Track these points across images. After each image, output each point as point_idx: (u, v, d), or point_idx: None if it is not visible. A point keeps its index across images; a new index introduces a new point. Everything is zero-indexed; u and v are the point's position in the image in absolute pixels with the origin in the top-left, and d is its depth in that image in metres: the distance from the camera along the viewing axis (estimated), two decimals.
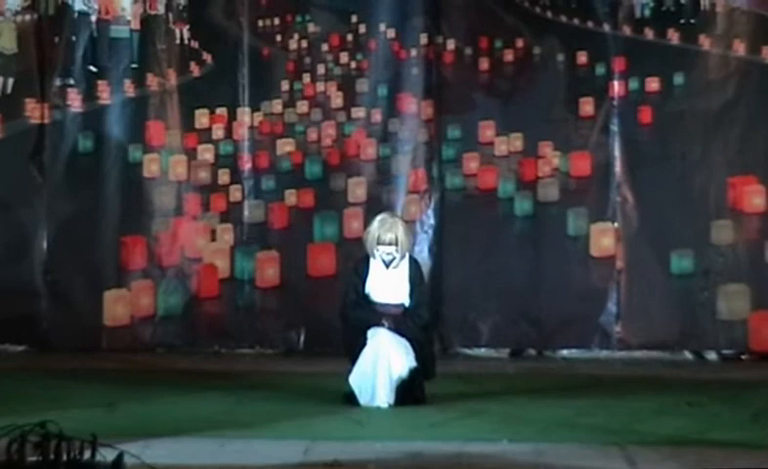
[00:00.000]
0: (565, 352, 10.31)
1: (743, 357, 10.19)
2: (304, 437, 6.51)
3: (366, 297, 7.82)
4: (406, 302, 7.79)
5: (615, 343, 10.27)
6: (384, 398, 7.58)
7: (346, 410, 7.46)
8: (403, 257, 7.85)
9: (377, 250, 7.82)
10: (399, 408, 7.56)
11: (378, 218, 7.96)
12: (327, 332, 10.39)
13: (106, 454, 5.21)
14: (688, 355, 10.26)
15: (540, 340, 10.29)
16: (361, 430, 6.92)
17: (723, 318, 10.17)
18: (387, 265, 7.82)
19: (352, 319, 7.81)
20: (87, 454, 5.15)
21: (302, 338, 10.50)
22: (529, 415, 7.35)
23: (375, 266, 7.86)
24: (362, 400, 7.61)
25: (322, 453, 6.09)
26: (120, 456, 5.24)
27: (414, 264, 8.00)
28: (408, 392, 7.62)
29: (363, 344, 7.66)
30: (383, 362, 7.60)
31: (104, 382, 8.67)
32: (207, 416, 7.30)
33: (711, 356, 10.25)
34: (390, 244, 7.80)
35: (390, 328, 7.67)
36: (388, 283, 7.81)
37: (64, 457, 5.12)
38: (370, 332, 7.70)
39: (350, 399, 7.67)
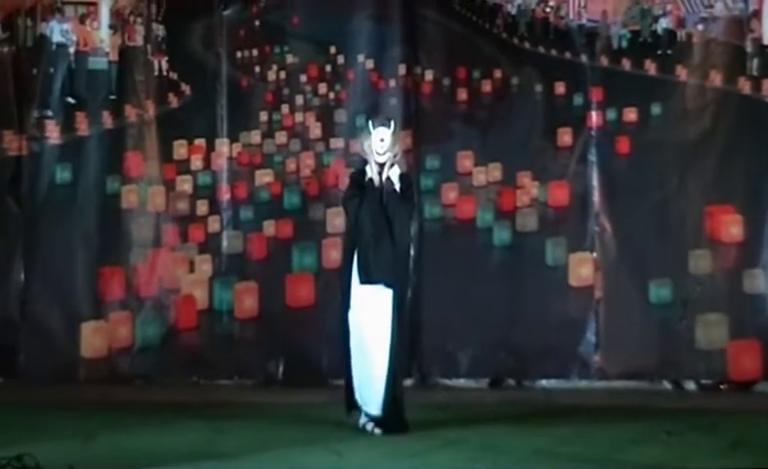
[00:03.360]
0: (544, 382, 10.30)
1: (721, 386, 10.20)
2: (283, 468, 6.48)
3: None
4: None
5: (594, 373, 10.27)
6: (374, 409, 7.70)
7: (325, 441, 7.42)
8: (395, 155, 7.96)
9: (371, 143, 7.90)
10: (378, 439, 7.54)
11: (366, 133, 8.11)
12: (306, 363, 10.42)
13: None
14: (667, 384, 10.27)
15: (519, 370, 10.28)
16: (339, 461, 6.90)
17: (702, 347, 10.18)
18: (381, 166, 7.89)
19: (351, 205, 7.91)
20: None
21: (281, 369, 10.47)
22: (508, 445, 7.33)
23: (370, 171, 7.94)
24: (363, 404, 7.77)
25: None
26: None
27: (406, 176, 8.11)
28: (393, 416, 7.67)
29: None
30: (370, 370, 7.70)
31: (81, 414, 8.62)
32: (186, 448, 7.26)
33: (690, 385, 10.26)
34: (383, 137, 7.91)
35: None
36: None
37: None
38: (354, 310, 7.77)
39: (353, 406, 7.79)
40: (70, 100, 10.77)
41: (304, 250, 10.59)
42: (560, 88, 10.51)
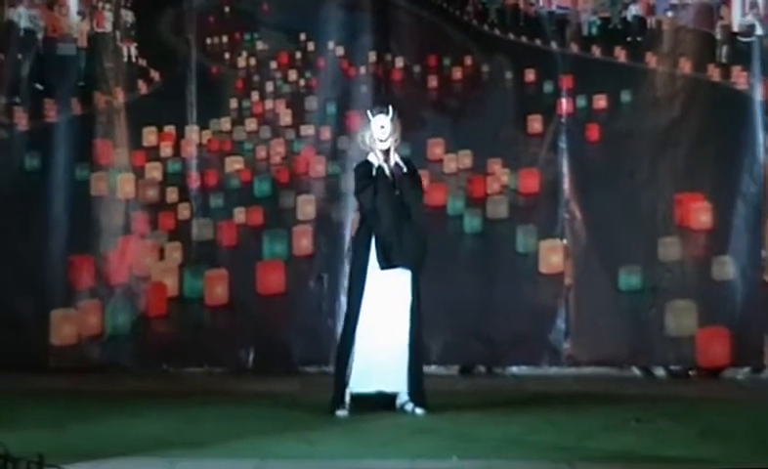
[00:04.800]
0: (514, 369, 10.34)
1: (690, 373, 10.27)
2: (253, 456, 6.47)
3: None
4: None
5: (564, 360, 10.31)
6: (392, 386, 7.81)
7: (296, 429, 7.42)
8: (396, 141, 8.04)
9: (372, 132, 7.99)
10: (349, 427, 7.55)
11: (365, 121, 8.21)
12: (277, 351, 10.41)
13: None
14: (636, 371, 10.33)
15: (490, 357, 10.31)
16: (311, 449, 6.89)
17: (671, 334, 10.24)
18: (385, 153, 7.95)
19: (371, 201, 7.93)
20: None
21: (251, 356, 10.45)
22: (479, 433, 7.35)
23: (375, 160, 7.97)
24: (373, 386, 7.78)
25: None
26: None
27: (409, 160, 8.23)
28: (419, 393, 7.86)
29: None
30: (389, 351, 7.81)
31: (51, 402, 8.58)
32: (156, 436, 7.24)
33: (659, 372, 10.32)
34: (383, 124, 8.00)
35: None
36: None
37: None
38: (369, 297, 7.81)
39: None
40: (39, 86, 10.68)
41: (275, 238, 10.57)
42: (530, 75, 10.52)
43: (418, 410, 7.91)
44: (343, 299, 10.37)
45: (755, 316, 10.17)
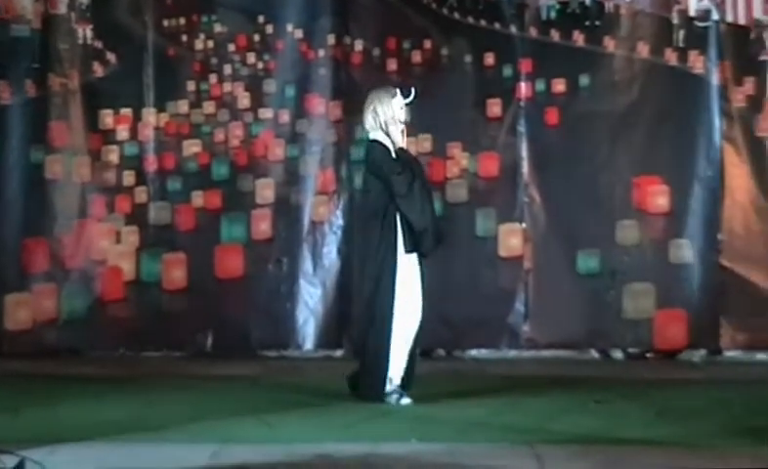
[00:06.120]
0: (474, 352, 10.36)
1: (648, 355, 10.34)
2: (213, 440, 6.43)
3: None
4: None
5: (523, 343, 10.34)
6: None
7: (256, 413, 7.39)
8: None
9: (394, 112, 7.73)
10: (310, 410, 7.54)
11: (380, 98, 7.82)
12: (235, 334, 10.37)
13: (8, 461, 5.08)
14: (594, 353, 10.38)
15: (450, 340, 10.31)
16: (271, 432, 6.87)
17: (629, 316, 10.30)
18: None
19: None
20: None
21: (210, 340, 10.40)
22: (439, 415, 7.35)
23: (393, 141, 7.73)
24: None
25: (231, 456, 6.03)
26: (22, 463, 5.12)
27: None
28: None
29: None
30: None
31: (6, 387, 8.49)
32: (114, 421, 7.18)
33: (617, 354, 10.38)
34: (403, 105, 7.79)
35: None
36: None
37: None
38: (401, 283, 7.62)
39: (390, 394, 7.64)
40: None
41: (233, 221, 10.51)
42: (489, 59, 10.52)
43: (405, 401, 7.68)
44: (302, 282, 10.41)
45: (712, 298, 10.25)
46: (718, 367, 9.91)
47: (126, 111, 10.60)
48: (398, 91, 7.86)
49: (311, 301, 10.43)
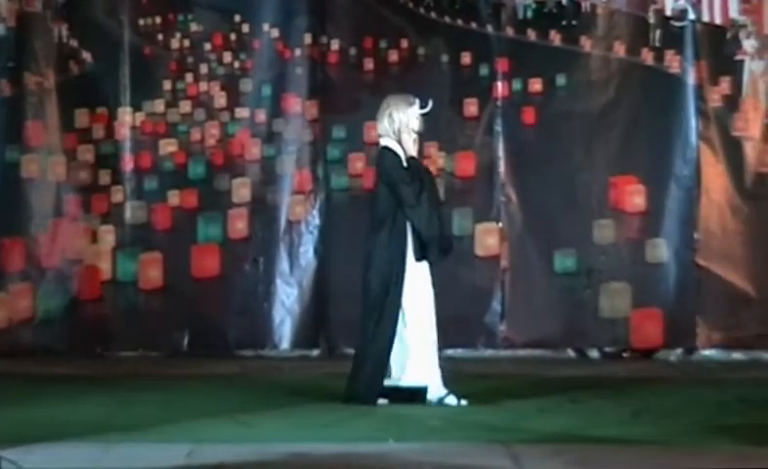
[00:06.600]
0: (450, 351, 10.32)
1: (624, 354, 10.36)
2: (188, 440, 6.42)
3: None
4: None
5: (499, 342, 10.35)
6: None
7: (232, 412, 7.37)
8: None
9: (408, 120, 7.71)
10: (286, 410, 7.53)
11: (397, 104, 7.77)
12: (212, 334, 10.35)
13: None
14: (571, 353, 10.40)
15: None
16: (246, 431, 6.86)
17: (605, 315, 10.32)
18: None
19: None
20: None
21: (186, 340, 10.38)
22: (415, 415, 7.35)
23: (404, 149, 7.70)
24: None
25: (206, 456, 6.01)
26: None
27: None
28: None
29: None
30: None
31: None
32: (90, 420, 7.16)
33: (594, 353, 10.40)
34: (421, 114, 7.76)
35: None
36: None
37: None
38: (412, 289, 7.62)
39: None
40: None
41: (209, 221, 10.49)
42: (466, 58, 10.53)
43: (455, 401, 7.65)
44: (278, 282, 10.40)
45: (688, 297, 10.29)
46: (694, 366, 9.95)
47: (102, 110, 10.57)
48: (416, 100, 7.82)
49: (287, 301, 10.42)
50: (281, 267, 10.44)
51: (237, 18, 10.67)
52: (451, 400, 7.64)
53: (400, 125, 7.74)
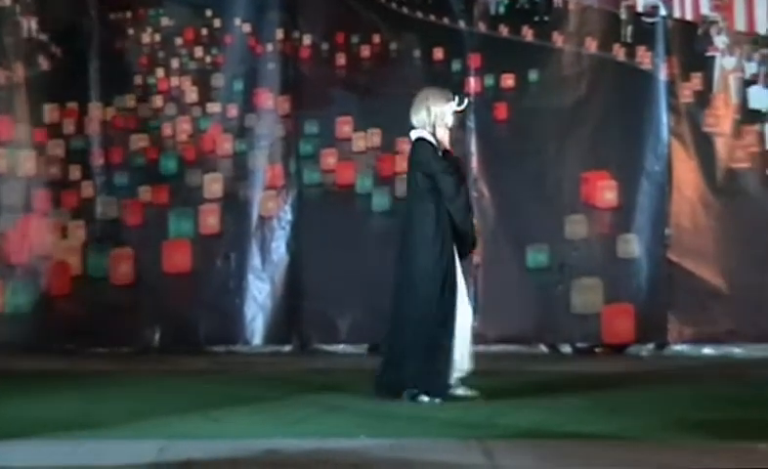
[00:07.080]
0: None
1: (596, 349, 10.38)
2: (159, 436, 6.38)
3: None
4: None
5: (472, 337, 10.30)
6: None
7: (203, 408, 7.34)
8: None
9: (445, 114, 7.67)
10: (257, 406, 7.50)
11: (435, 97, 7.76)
12: (183, 330, 10.30)
13: None
14: (543, 348, 10.41)
15: None
16: (218, 428, 6.82)
17: (577, 311, 10.34)
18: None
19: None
20: None
21: (157, 336, 10.33)
22: (388, 411, 7.33)
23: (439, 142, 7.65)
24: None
25: (178, 452, 5.99)
26: None
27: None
28: None
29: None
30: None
31: None
32: (60, 417, 7.11)
33: (566, 349, 10.42)
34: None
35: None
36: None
37: None
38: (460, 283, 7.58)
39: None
40: None
41: (181, 216, 10.44)
42: (438, 54, 10.52)
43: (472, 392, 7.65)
44: (250, 277, 10.36)
45: (659, 293, 10.32)
46: (665, 361, 9.98)
47: (72, 105, 10.51)
48: (455, 96, 7.80)
49: (259, 296, 10.38)
50: (253, 262, 10.41)
51: (209, 12, 10.63)
52: (460, 391, 7.64)
53: (436, 118, 7.72)
